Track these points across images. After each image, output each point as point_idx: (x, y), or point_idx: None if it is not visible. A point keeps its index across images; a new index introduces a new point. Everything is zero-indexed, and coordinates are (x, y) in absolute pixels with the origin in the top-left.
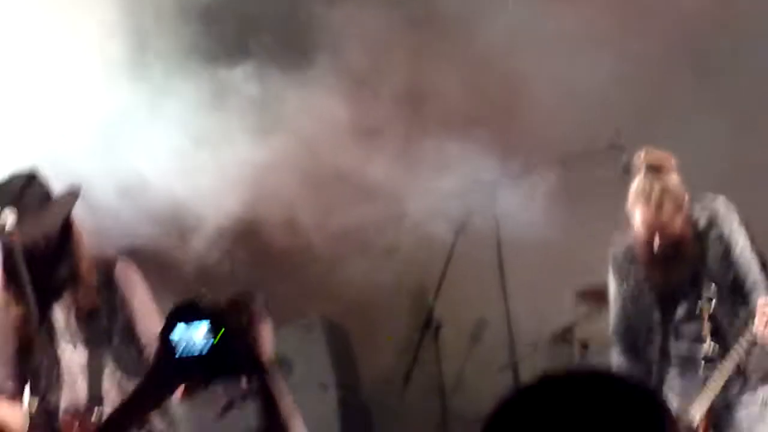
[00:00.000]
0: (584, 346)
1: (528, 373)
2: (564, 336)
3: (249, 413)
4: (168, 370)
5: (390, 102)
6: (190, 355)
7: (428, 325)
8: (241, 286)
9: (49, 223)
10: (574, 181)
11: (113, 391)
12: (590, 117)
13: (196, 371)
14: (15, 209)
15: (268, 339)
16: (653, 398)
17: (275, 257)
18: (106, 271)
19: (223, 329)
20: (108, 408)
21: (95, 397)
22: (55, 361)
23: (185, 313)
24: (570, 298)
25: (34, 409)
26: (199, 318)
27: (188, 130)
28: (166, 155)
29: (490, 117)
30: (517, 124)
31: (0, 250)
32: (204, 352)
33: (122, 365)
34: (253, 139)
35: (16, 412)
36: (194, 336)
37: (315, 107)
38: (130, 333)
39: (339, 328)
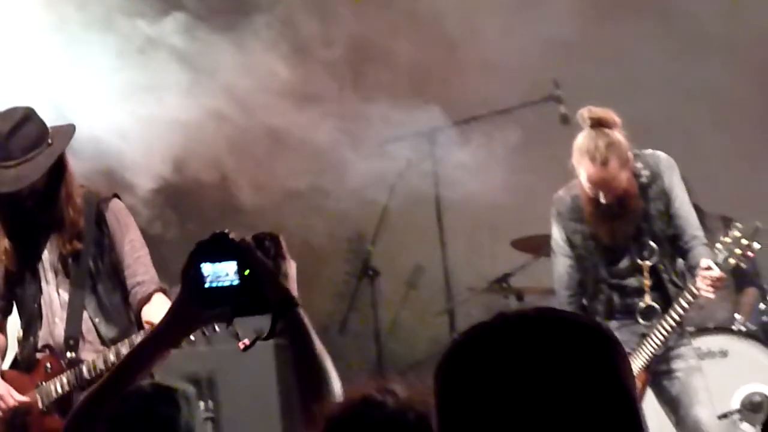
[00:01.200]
0: (519, 296)
1: (463, 320)
2: (500, 285)
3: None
4: (194, 304)
5: (331, 63)
6: (217, 287)
7: (365, 272)
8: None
9: (41, 163)
10: (512, 133)
11: (91, 334)
12: (529, 69)
13: (223, 305)
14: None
15: (294, 276)
16: (604, 334)
17: (206, 214)
18: (98, 211)
19: (250, 265)
20: (84, 350)
21: (72, 337)
22: (38, 299)
23: (211, 249)
24: (506, 248)
25: (18, 340)
26: (226, 254)
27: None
28: (91, 108)
29: (432, 74)
30: (458, 81)
31: None
32: (232, 286)
33: (103, 309)
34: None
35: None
36: (222, 271)
37: (251, 66)
38: (115, 276)
39: None
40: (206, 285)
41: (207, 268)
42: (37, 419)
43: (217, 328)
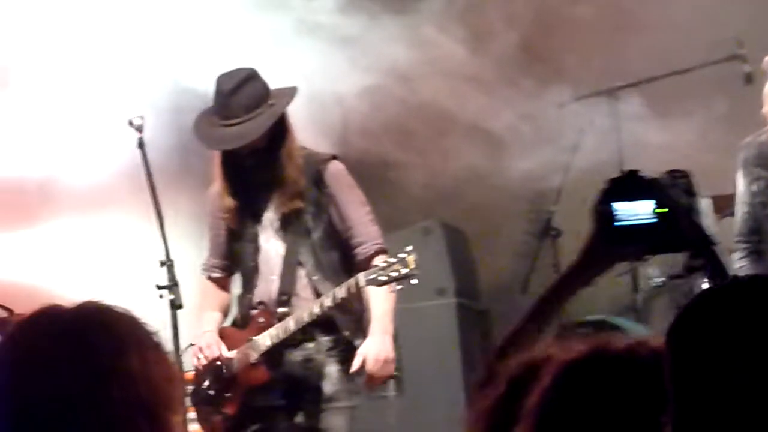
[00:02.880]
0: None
1: (645, 280)
2: None
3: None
4: (607, 242)
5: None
6: (631, 225)
7: (547, 232)
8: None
9: (262, 121)
10: (694, 93)
11: (306, 290)
12: (709, 28)
13: (637, 243)
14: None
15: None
16: None
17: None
18: (317, 171)
19: (666, 203)
20: (297, 307)
21: (286, 293)
22: (256, 257)
23: (624, 187)
24: None
25: (237, 297)
26: (640, 191)
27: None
28: None
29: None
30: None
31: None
32: (647, 224)
33: (319, 267)
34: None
35: (222, 298)
36: (635, 208)
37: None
38: (333, 235)
39: (458, 232)
40: (619, 223)
41: (620, 206)
42: (245, 371)
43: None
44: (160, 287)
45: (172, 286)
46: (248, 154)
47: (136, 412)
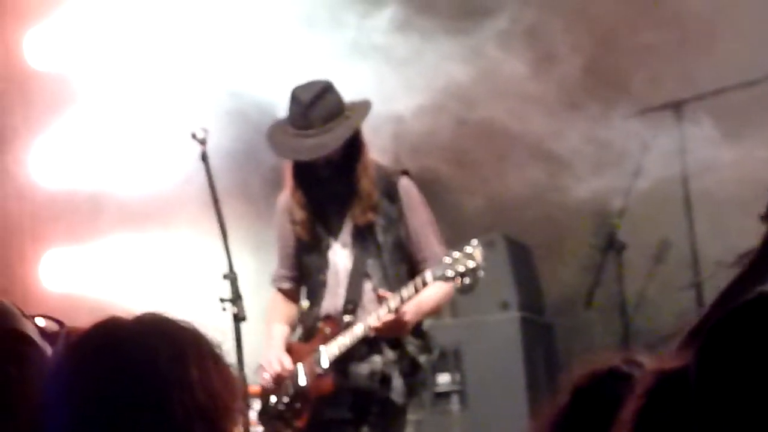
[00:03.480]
0: None
1: (711, 294)
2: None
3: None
4: None
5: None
6: None
7: (611, 245)
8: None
9: (339, 133)
10: (758, 105)
11: (372, 303)
12: None
13: None
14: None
15: None
16: None
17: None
18: (389, 185)
19: None
20: (362, 318)
21: (351, 301)
22: (325, 270)
23: None
24: (755, 222)
25: (305, 310)
26: None
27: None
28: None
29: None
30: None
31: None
32: None
33: (386, 280)
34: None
35: (291, 310)
36: None
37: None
38: (402, 249)
39: (521, 246)
40: None
41: None
42: (313, 382)
43: None
44: (223, 300)
45: (236, 299)
46: (323, 166)
47: (194, 420)
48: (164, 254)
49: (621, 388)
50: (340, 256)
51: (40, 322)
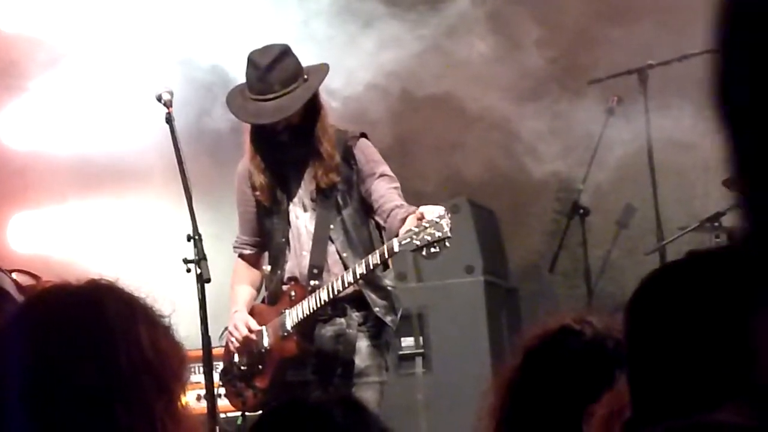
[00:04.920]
0: (731, 235)
1: (674, 259)
2: (712, 224)
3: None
4: None
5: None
6: None
7: (575, 211)
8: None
9: (298, 95)
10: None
11: (337, 266)
12: None
13: None
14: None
15: None
16: None
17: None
18: (347, 148)
19: None
20: (327, 280)
21: (316, 266)
22: (286, 233)
23: None
24: (718, 187)
25: (267, 275)
26: None
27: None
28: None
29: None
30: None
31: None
32: None
33: (350, 243)
34: None
35: (255, 275)
36: None
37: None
38: (363, 211)
39: (486, 211)
40: None
41: None
42: (277, 344)
43: None
44: (187, 261)
45: (200, 260)
46: (282, 130)
47: (140, 374)
48: (129, 216)
49: (572, 344)
50: (302, 220)
51: (17, 277)
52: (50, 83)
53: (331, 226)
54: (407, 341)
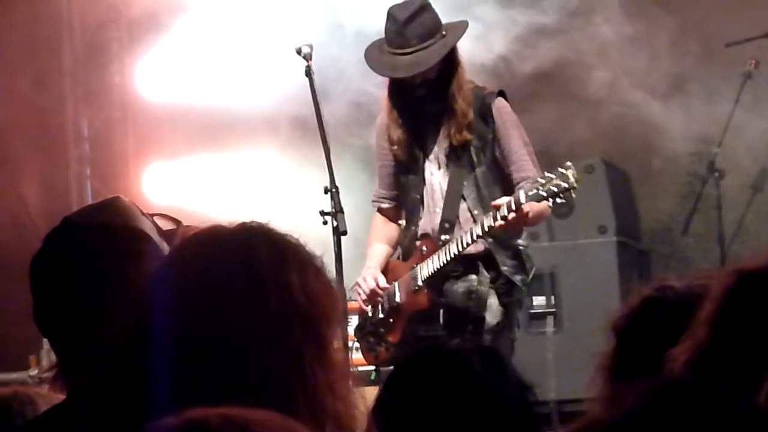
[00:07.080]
0: None
1: None
2: None
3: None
4: None
5: None
6: None
7: (710, 174)
8: None
9: (435, 51)
10: None
11: (468, 223)
12: None
13: None
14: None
15: None
16: None
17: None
18: (484, 105)
19: None
20: (458, 235)
21: (448, 221)
22: (421, 189)
23: None
24: None
25: (402, 230)
26: None
27: None
28: None
29: None
30: None
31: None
32: None
33: (481, 201)
34: None
35: (391, 230)
36: None
37: None
38: (496, 170)
39: (620, 171)
40: None
41: None
42: (408, 299)
43: None
44: (324, 213)
45: (337, 212)
46: (419, 85)
47: (291, 319)
48: (266, 169)
49: (658, 311)
50: (436, 176)
51: (159, 220)
52: (188, 36)
53: (464, 183)
54: (538, 300)
